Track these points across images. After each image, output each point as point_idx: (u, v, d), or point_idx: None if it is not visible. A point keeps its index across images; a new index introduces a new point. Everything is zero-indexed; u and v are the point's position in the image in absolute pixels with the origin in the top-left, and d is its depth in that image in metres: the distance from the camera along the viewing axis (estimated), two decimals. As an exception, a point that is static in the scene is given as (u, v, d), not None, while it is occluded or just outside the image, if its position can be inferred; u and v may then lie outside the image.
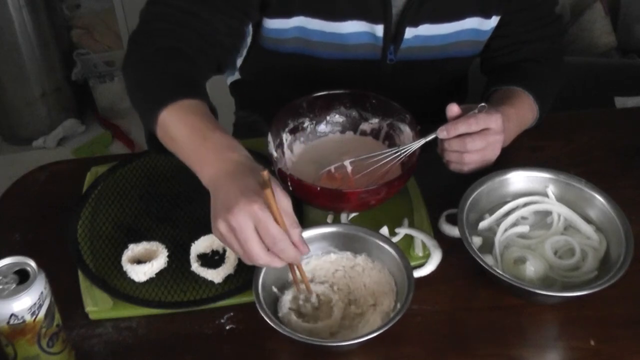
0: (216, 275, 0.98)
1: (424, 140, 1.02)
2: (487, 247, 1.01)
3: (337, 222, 1.06)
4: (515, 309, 0.96)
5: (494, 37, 1.22)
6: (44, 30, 2.42)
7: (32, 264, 0.79)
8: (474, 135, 1.00)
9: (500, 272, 0.92)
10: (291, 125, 1.11)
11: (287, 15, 1.13)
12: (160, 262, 0.99)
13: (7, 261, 0.80)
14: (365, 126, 1.14)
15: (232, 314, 0.95)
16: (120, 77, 2.60)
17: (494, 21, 1.19)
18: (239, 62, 1.31)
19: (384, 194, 1.00)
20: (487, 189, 1.05)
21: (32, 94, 2.48)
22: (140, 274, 0.98)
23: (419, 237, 1.03)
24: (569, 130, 1.26)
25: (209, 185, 0.87)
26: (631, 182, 1.15)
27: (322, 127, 1.15)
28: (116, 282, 0.98)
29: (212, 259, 1.01)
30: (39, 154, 2.51)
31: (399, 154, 1.04)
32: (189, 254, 1.01)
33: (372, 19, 1.13)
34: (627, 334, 0.94)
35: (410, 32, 1.15)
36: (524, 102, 1.16)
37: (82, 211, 1.08)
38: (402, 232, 1.04)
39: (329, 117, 1.14)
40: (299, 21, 1.13)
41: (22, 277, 0.78)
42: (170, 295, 0.97)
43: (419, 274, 0.98)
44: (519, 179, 1.07)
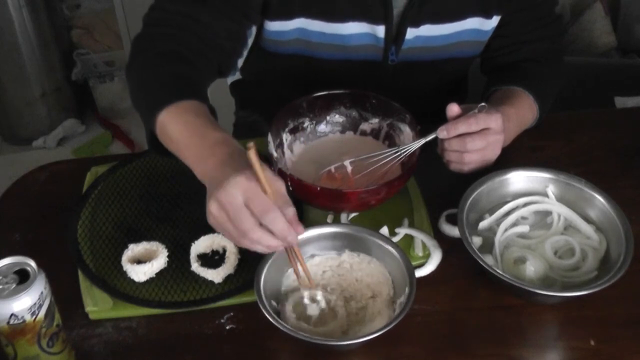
0: (216, 275, 0.98)
1: (424, 140, 1.02)
2: (487, 247, 1.01)
3: (337, 222, 1.06)
4: (515, 309, 0.96)
5: (494, 37, 1.22)
6: (44, 30, 2.42)
7: (32, 264, 0.79)
8: (474, 135, 1.00)
9: (500, 272, 0.92)
10: (291, 125, 1.11)
11: (288, 17, 1.13)
12: (160, 262, 0.99)
13: (7, 261, 0.80)
14: (365, 126, 1.14)
15: (232, 314, 0.95)
16: (120, 77, 2.60)
17: (495, 21, 1.19)
18: (240, 62, 1.31)
19: (384, 194, 1.00)
20: (487, 189, 1.05)
21: (32, 94, 2.48)
22: (140, 274, 0.98)
23: (419, 237, 1.03)
24: (569, 130, 1.26)
25: (204, 178, 0.87)
26: (631, 182, 1.15)
27: (322, 127, 1.15)
28: (116, 282, 0.98)
29: (212, 259, 1.01)
30: (39, 154, 2.51)
31: (399, 154, 1.03)
32: (189, 254, 1.01)
33: (373, 20, 1.13)
34: (627, 334, 0.94)
35: (411, 33, 1.15)
36: (524, 102, 1.16)
37: (82, 211, 1.08)
38: (402, 232, 1.04)
39: (329, 117, 1.14)
40: (299, 23, 1.13)
41: (22, 277, 0.78)
42: (170, 295, 0.97)
43: (419, 274, 0.98)
44: (519, 179, 1.07)
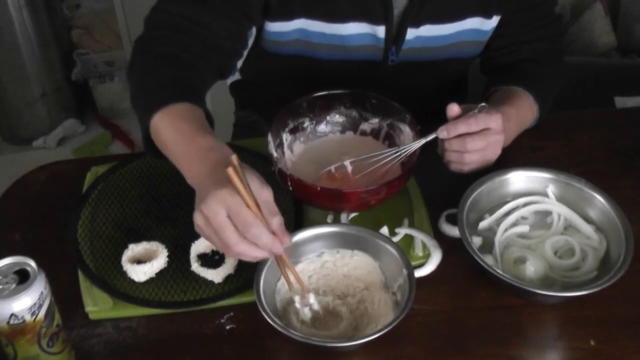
0: (216, 275, 0.98)
1: (424, 140, 1.02)
2: (487, 247, 1.01)
3: (337, 222, 1.06)
4: (515, 309, 0.96)
5: (494, 37, 1.22)
6: (44, 30, 2.42)
7: (32, 264, 0.79)
8: (474, 135, 1.00)
9: (500, 272, 0.92)
10: (291, 125, 1.11)
11: (288, 17, 1.13)
12: (160, 262, 0.99)
13: (7, 261, 0.80)
14: (365, 126, 1.14)
15: (232, 314, 0.95)
16: (120, 77, 2.60)
17: (495, 21, 1.19)
18: (239, 64, 1.31)
19: (384, 194, 1.00)
20: (487, 189, 1.05)
21: (32, 94, 2.48)
22: (140, 274, 0.98)
23: (419, 237, 1.03)
24: (569, 130, 1.26)
25: (193, 184, 0.88)
26: (631, 182, 1.15)
27: (322, 127, 1.15)
28: (116, 282, 0.98)
29: (212, 259, 1.01)
30: (39, 154, 2.51)
31: (399, 154, 1.03)
32: (189, 254, 1.01)
33: (374, 20, 1.13)
34: (627, 334, 0.94)
35: (411, 33, 1.15)
36: (524, 102, 1.16)
37: (82, 211, 1.08)
38: (402, 232, 1.04)
39: (329, 117, 1.14)
40: (300, 23, 1.13)
41: (22, 277, 0.78)
42: (170, 295, 0.97)
43: (419, 274, 0.98)
44: (519, 179, 1.07)
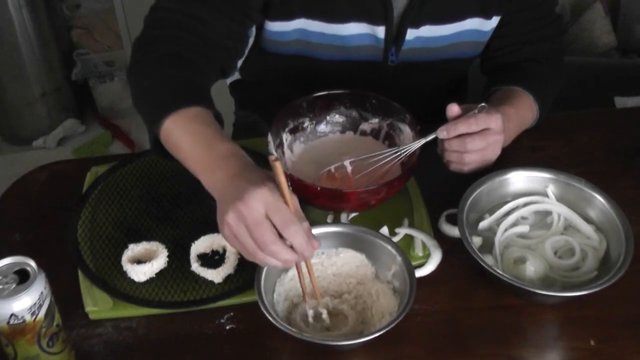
0: (216, 275, 0.98)
1: (424, 140, 1.02)
2: (487, 247, 1.01)
3: (337, 222, 1.06)
4: (515, 309, 0.96)
5: (494, 37, 1.22)
6: (44, 30, 2.42)
7: (32, 264, 0.79)
8: (474, 135, 1.00)
9: (500, 272, 0.92)
10: (291, 125, 1.11)
11: (288, 17, 1.13)
12: (160, 262, 0.99)
13: (7, 261, 0.80)
14: (365, 126, 1.14)
15: (232, 314, 0.95)
16: (120, 77, 2.60)
17: (495, 21, 1.19)
18: (240, 62, 1.31)
19: (384, 194, 1.00)
20: (487, 189, 1.05)
21: (32, 94, 2.48)
22: (140, 274, 0.98)
23: (419, 237, 1.03)
24: (569, 130, 1.26)
25: (214, 188, 0.86)
26: (631, 182, 1.15)
27: (322, 127, 1.15)
28: (116, 282, 0.98)
29: (212, 259, 1.01)
30: (39, 154, 2.51)
31: (399, 154, 1.03)
32: (189, 254, 1.01)
33: (373, 21, 1.13)
34: (627, 334, 0.94)
35: (411, 34, 1.15)
36: (524, 102, 1.16)
37: (82, 211, 1.08)
38: (402, 232, 1.04)
39: (329, 117, 1.14)
40: (300, 23, 1.13)
41: (22, 277, 0.78)
42: (170, 295, 0.97)
43: (419, 274, 0.98)
44: (519, 179, 1.07)
